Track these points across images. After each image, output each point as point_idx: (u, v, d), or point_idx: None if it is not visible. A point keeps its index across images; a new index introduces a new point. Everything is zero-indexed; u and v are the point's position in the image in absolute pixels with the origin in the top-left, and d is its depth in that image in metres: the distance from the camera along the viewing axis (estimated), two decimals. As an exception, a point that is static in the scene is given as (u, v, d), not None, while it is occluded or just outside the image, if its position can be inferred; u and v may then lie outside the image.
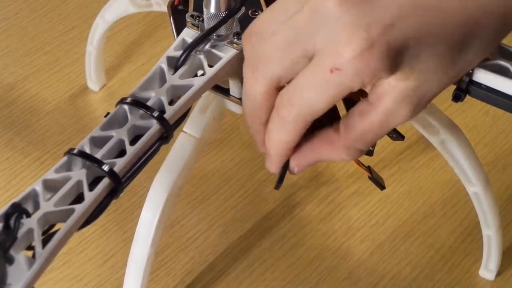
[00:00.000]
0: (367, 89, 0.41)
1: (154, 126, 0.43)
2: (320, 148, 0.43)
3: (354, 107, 0.40)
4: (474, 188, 0.59)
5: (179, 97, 0.45)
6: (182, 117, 0.45)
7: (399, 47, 0.37)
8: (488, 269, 0.66)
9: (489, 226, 0.62)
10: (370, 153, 0.50)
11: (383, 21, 0.37)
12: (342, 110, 0.53)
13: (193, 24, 0.49)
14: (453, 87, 0.47)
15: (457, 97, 0.46)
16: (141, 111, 0.43)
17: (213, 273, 0.67)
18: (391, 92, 0.39)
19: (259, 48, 0.40)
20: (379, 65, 0.37)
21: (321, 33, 0.38)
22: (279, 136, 0.42)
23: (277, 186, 0.46)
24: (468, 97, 0.47)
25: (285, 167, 0.45)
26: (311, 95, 0.39)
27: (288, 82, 0.40)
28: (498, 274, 0.67)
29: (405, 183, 0.73)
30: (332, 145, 0.43)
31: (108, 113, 0.44)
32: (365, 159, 0.51)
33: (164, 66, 0.46)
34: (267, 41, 0.40)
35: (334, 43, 0.37)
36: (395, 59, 0.37)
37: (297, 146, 0.43)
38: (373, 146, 0.50)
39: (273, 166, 0.44)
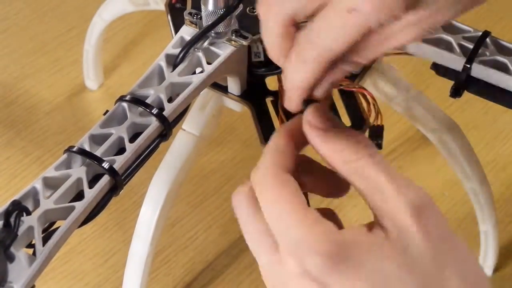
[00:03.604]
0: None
1: (154, 123, 0.43)
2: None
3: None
4: (472, 183, 0.59)
5: (178, 95, 0.45)
6: (181, 115, 0.45)
7: None
8: (485, 265, 0.66)
9: (486, 221, 0.62)
10: (379, 146, 0.50)
11: None
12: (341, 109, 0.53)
13: (191, 22, 0.49)
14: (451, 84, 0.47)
15: (456, 92, 0.47)
16: (140, 109, 0.43)
17: (213, 273, 0.67)
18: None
19: None
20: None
21: None
22: (299, 75, 0.41)
23: None
24: (469, 97, 0.47)
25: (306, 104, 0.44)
26: (331, 37, 0.39)
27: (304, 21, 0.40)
28: (496, 270, 0.67)
29: (405, 182, 0.73)
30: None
31: (107, 111, 0.44)
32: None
33: (163, 64, 0.46)
34: None
35: None
36: None
37: None
38: (381, 139, 0.50)
39: (293, 104, 0.44)
